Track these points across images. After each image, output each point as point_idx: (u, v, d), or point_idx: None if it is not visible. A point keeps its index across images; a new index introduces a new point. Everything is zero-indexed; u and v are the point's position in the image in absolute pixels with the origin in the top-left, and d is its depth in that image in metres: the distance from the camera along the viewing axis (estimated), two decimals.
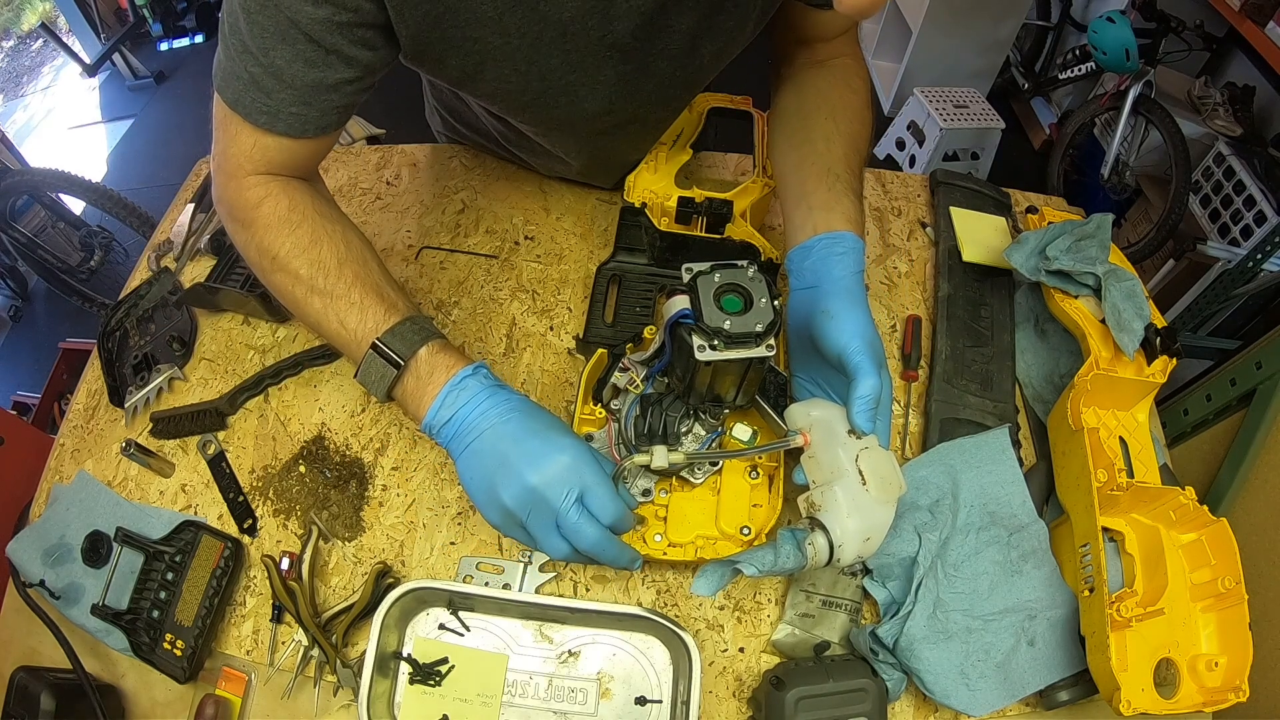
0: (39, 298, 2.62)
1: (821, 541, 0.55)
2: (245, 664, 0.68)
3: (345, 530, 0.73)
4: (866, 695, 0.61)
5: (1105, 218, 0.81)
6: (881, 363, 0.60)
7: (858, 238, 0.64)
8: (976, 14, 2.45)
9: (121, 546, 0.69)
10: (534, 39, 0.60)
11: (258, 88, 0.57)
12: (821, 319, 0.61)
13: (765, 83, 0.82)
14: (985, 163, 2.45)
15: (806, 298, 0.64)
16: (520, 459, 0.55)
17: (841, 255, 0.63)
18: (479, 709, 0.63)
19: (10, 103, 3.52)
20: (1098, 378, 0.72)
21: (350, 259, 0.63)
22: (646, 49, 0.64)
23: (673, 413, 0.67)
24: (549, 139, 0.81)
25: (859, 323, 0.59)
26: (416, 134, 1.08)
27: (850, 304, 0.61)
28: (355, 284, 0.62)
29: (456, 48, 0.60)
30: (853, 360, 0.58)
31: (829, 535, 0.55)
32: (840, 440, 0.58)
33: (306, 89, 0.57)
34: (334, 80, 0.58)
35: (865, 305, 0.62)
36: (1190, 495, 0.65)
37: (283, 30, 0.53)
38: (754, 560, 0.55)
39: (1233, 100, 2.06)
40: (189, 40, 3.39)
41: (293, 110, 0.58)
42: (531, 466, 0.55)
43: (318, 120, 0.60)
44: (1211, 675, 0.62)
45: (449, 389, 0.58)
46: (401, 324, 0.60)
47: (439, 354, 0.60)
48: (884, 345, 0.63)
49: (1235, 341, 1.74)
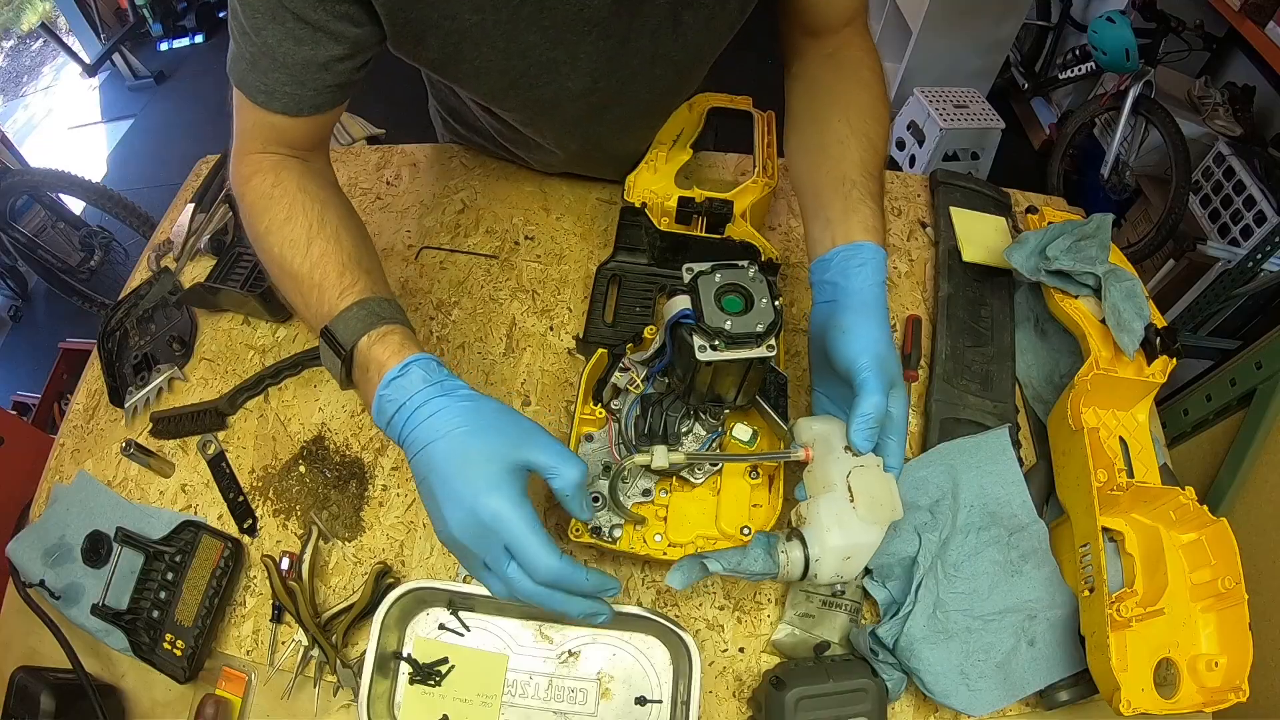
0: (39, 298, 2.62)
1: (797, 553, 0.55)
2: (245, 664, 0.68)
3: (345, 530, 0.73)
4: (866, 695, 0.61)
5: (1105, 218, 0.81)
6: (893, 380, 0.58)
7: (877, 247, 0.63)
8: (976, 14, 2.44)
9: (121, 546, 0.69)
10: (510, 15, 0.60)
11: (255, 67, 0.59)
12: (835, 334, 0.60)
13: (765, 83, 0.82)
14: (985, 163, 2.45)
15: (825, 311, 0.63)
16: (444, 502, 0.50)
17: (860, 267, 0.62)
18: (479, 709, 0.63)
19: (10, 103, 3.52)
20: (1098, 378, 0.72)
21: (321, 235, 0.60)
22: (626, 23, 0.64)
23: (673, 413, 0.67)
24: (537, 126, 0.80)
25: (870, 338, 0.58)
26: (416, 134, 1.08)
27: (865, 318, 0.59)
28: (320, 262, 0.59)
29: (434, 26, 0.60)
30: (858, 377, 0.57)
31: (806, 548, 0.54)
32: (836, 456, 0.57)
33: (298, 67, 0.58)
34: (324, 58, 0.58)
35: (881, 319, 0.60)
36: (1190, 495, 0.65)
37: (272, 10, 0.55)
38: (721, 558, 0.55)
39: (1233, 100, 2.06)
40: (189, 40, 3.39)
41: (287, 89, 0.60)
42: (452, 516, 0.49)
43: (312, 99, 0.61)
44: (1211, 675, 0.62)
45: (381, 391, 0.53)
46: (349, 309, 0.56)
47: (376, 345, 0.55)
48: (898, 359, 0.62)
49: (1235, 341, 1.74)
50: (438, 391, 0.53)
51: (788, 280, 0.90)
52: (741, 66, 1.02)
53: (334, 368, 0.58)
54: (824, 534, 0.54)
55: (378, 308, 0.57)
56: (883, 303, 0.61)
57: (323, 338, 0.57)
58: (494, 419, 0.52)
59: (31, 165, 2.49)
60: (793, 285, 0.90)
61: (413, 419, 0.52)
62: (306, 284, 0.59)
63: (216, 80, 0.62)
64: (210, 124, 3.07)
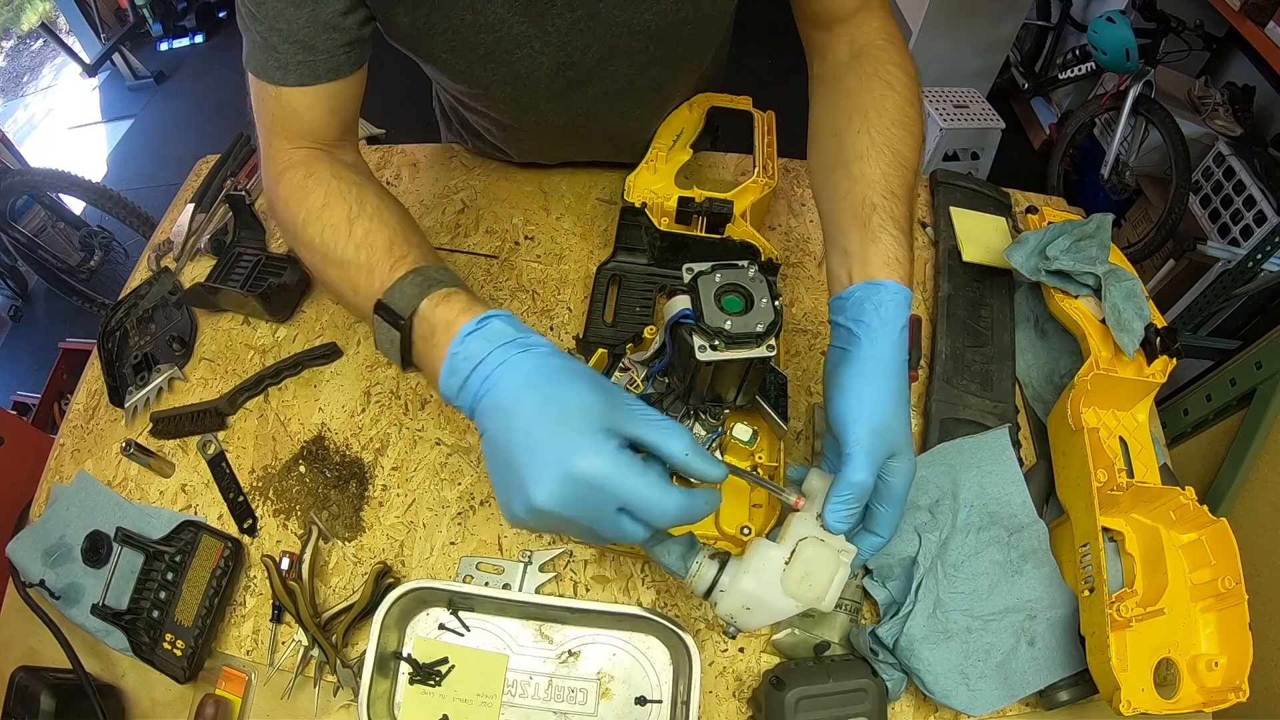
0: (39, 298, 2.62)
1: (708, 573, 0.53)
2: (245, 664, 0.68)
3: (345, 530, 0.73)
4: (866, 695, 0.61)
5: (1105, 218, 0.81)
6: (894, 450, 0.52)
7: (898, 286, 0.55)
8: (976, 14, 2.44)
9: (121, 546, 0.69)
10: None
11: (266, 47, 0.60)
12: (834, 390, 0.54)
13: (765, 83, 0.82)
14: (985, 163, 2.45)
15: (836, 359, 0.56)
16: (526, 467, 0.44)
17: (876, 309, 0.54)
18: (479, 709, 0.63)
19: (10, 103, 3.52)
20: (1098, 378, 0.72)
21: (362, 215, 0.57)
22: None
23: (673, 413, 0.67)
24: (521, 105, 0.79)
25: (870, 404, 0.52)
26: (416, 134, 1.08)
27: (869, 379, 0.53)
28: (364, 243, 0.56)
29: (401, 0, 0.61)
30: (847, 448, 0.51)
31: (719, 574, 0.53)
32: (810, 517, 0.54)
33: (304, 30, 0.59)
34: (326, 15, 0.59)
35: (890, 378, 0.53)
36: (1190, 495, 0.65)
37: None
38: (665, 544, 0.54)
39: (1233, 100, 2.06)
40: (189, 40, 3.40)
41: (299, 58, 0.60)
42: (537, 481, 0.43)
43: (326, 63, 0.61)
44: (1211, 675, 0.62)
45: (455, 348, 0.48)
46: (404, 277, 0.52)
47: (441, 306, 0.50)
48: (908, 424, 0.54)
49: (1235, 341, 1.74)
50: (523, 346, 0.47)
51: (787, 280, 0.90)
52: (742, 66, 1.02)
53: (391, 346, 0.52)
54: (741, 575, 0.53)
55: (435, 274, 0.53)
56: (899, 358, 0.54)
57: (377, 312, 0.52)
58: (587, 377, 0.47)
59: (31, 165, 2.49)
60: (793, 285, 0.90)
61: (494, 377, 0.46)
62: (353, 267, 0.55)
63: (216, 80, 0.63)
64: (210, 124, 3.09)
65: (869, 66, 0.65)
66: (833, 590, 0.52)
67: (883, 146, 0.60)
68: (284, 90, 0.62)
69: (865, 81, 0.65)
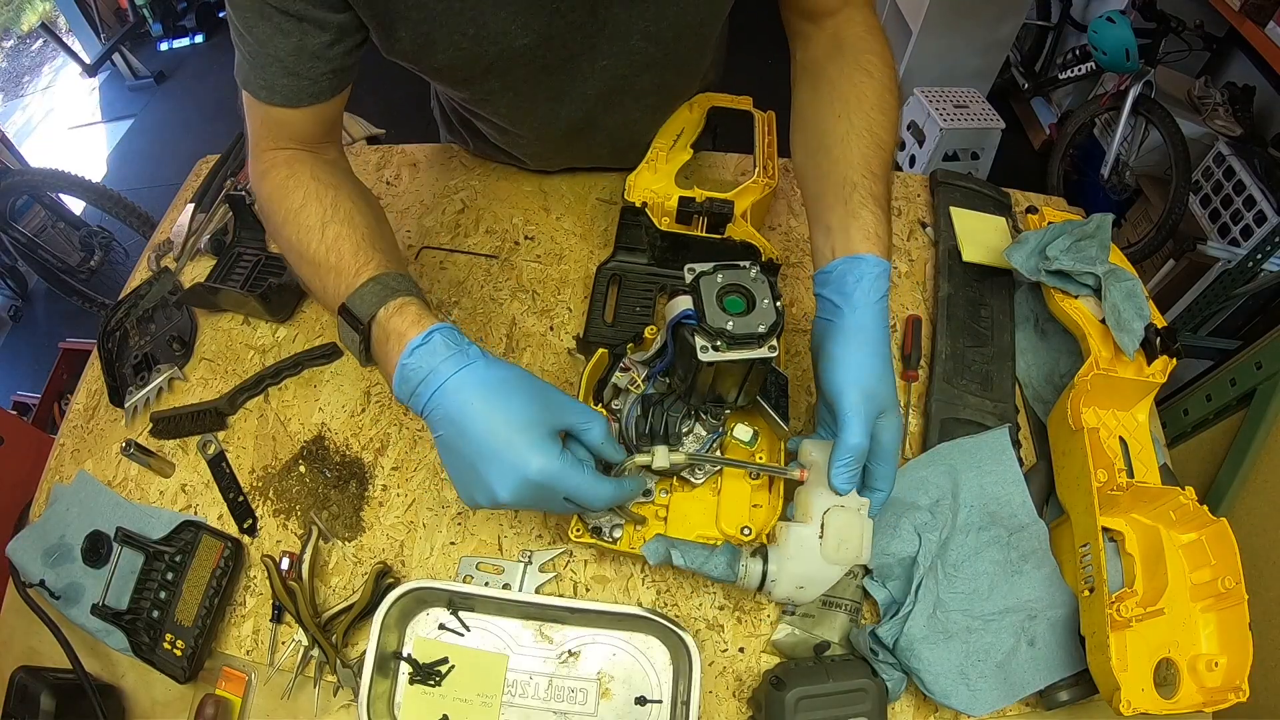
0: (39, 298, 2.62)
1: (756, 568, 0.59)
2: (245, 664, 0.68)
3: (345, 530, 0.73)
4: (866, 695, 0.61)
5: (1105, 218, 0.81)
6: (883, 408, 0.57)
7: (878, 259, 0.59)
8: (976, 14, 2.44)
9: (121, 546, 0.69)
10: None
11: (254, 65, 0.61)
12: (824, 361, 0.58)
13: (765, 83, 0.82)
14: (985, 163, 2.45)
15: (822, 330, 0.61)
16: (493, 474, 0.52)
17: (857, 282, 0.58)
18: (479, 709, 0.63)
19: (10, 103, 3.52)
20: (1098, 378, 0.72)
21: (335, 219, 0.61)
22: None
23: (674, 413, 0.67)
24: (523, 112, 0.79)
25: (858, 369, 0.56)
26: (416, 134, 1.08)
27: (855, 346, 0.57)
28: (335, 244, 0.60)
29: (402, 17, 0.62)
30: (841, 415, 0.55)
31: (766, 565, 0.58)
32: (822, 487, 0.58)
33: (290, 58, 0.60)
34: (313, 46, 0.60)
35: (874, 343, 0.58)
36: (1190, 495, 0.65)
37: (258, 7, 0.58)
38: (687, 553, 0.59)
39: (1233, 100, 2.06)
40: (189, 40, 3.40)
41: (284, 81, 0.62)
42: (505, 486, 0.52)
43: (309, 89, 0.63)
44: (1211, 675, 0.62)
45: (404, 360, 0.54)
46: (365, 284, 0.57)
47: (395, 317, 0.56)
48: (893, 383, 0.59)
49: (1235, 341, 1.74)
50: (462, 360, 0.54)
51: (788, 280, 0.90)
52: (742, 66, 1.02)
53: (353, 344, 0.58)
54: (785, 561, 0.58)
55: (392, 281, 0.58)
56: (880, 324, 0.59)
57: (340, 314, 0.58)
58: (521, 386, 0.55)
59: (31, 165, 2.50)
60: (793, 285, 0.90)
61: (441, 389, 0.53)
62: (323, 268, 0.60)
63: (216, 80, 0.63)
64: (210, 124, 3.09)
65: (850, 56, 0.69)
66: (866, 544, 0.58)
67: (862, 130, 0.65)
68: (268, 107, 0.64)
69: (846, 70, 0.68)
